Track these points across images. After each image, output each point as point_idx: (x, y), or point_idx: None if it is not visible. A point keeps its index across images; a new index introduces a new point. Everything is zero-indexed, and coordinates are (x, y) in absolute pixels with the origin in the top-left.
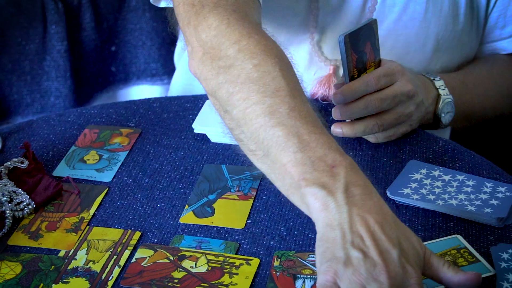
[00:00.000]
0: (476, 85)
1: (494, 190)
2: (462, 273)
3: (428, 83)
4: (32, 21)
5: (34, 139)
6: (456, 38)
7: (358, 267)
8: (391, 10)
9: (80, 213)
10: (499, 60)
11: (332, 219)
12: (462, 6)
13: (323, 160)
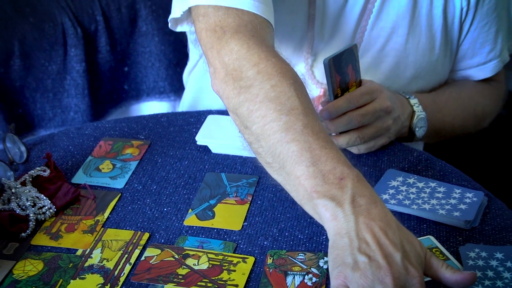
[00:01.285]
0: (446, 106)
1: (462, 195)
2: (459, 273)
3: (404, 100)
4: (54, 45)
5: (55, 150)
6: (431, 67)
7: (365, 271)
8: (376, 41)
9: (95, 216)
10: (467, 85)
11: (341, 228)
12: (438, 39)
13: (332, 173)
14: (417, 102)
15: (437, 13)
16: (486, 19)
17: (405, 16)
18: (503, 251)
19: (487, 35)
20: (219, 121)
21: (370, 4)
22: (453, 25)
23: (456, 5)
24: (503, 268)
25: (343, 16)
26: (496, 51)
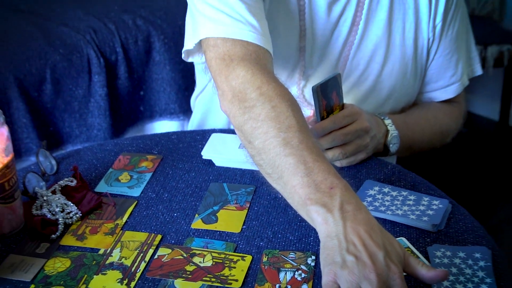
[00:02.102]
0: (415, 125)
1: (430, 203)
2: (434, 270)
3: (380, 121)
4: (80, 72)
5: (81, 163)
6: (403, 89)
7: (353, 269)
8: (357, 68)
9: (115, 220)
10: (432, 106)
11: (331, 231)
12: (409, 65)
13: (324, 183)
14: (390, 122)
15: (408, 43)
16: (448, 48)
17: (381, 46)
18: (465, 250)
19: (450, 61)
20: (222, 138)
21: (352, 37)
22: (422, 53)
23: (424, 36)
24: (465, 265)
25: (329, 47)
26: (457, 76)
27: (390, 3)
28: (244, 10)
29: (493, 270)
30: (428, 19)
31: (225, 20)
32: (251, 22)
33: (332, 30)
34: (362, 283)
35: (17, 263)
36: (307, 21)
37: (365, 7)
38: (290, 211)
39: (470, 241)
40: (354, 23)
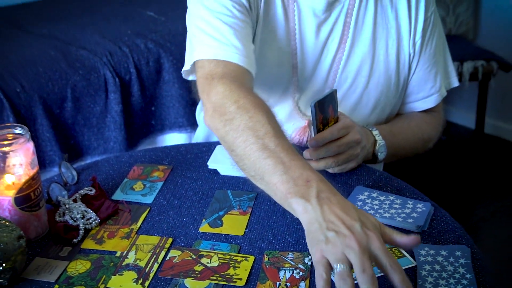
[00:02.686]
0: (400, 133)
1: (414, 206)
2: (407, 236)
3: (368, 132)
4: (97, 91)
5: (99, 173)
6: (388, 101)
7: (335, 242)
8: (345, 81)
9: (130, 225)
10: (414, 116)
11: (311, 218)
12: (393, 78)
13: (301, 178)
14: (378, 133)
15: (391, 59)
16: (428, 63)
17: (367, 62)
18: (446, 249)
19: (429, 74)
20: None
21: (340, 54)
22: (404, 67)
23: (405, 52)
24: (447, 262)
25: (319, 63)
26: (436, 87)
27: (374, 23)
28: (230, 34)
29: (472, 266)
30: (409, 37)
31: (212, 43)
32: (235, 44)
33: (321, 48)
34: (346, 252)
35: (42, 265)
36: (297, 41)
37: (351, 27)
38: (288, 216)
39: (451, 240)
40: (341, 41)
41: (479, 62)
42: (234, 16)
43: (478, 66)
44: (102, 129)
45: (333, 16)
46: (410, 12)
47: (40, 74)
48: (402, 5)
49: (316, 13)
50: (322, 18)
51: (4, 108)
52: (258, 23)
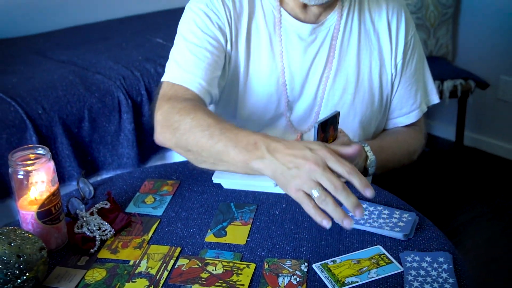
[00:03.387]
0: (388, 148)
1: (401, 216)
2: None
3: (361, 148)
4: (112, 111)
5: (113, 188)
6: (373, 116)
7: (299, 174)
8: (332, 98)
9: (142, 236)
10: (400, 131)
11: (272, 168)
12: (376, 95)
13: (249, 144)
14: (369, 148)
15: (375, 78)
16: (408, 81)
17: (352, 80)
18: (430, 256)
19: (410, 92)
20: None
21: (327, 73)
22: (387, 85)
23: (388, 72)
24: (431, 268)
25: (307, 82)
26: (416, 104)
27: (358, 45)
28: (192, 62)
29: (454, 271)
30: (390, 59)
31: (174, 68)
32: (194, 72)
33: (308, 68)
34: (312, 177)
35: (62, 274)
36: (284, 62)
37: (337, 49)
38: (286, 226)
39: (435, 247)
40: (328, 61)
41: (458, 81)
42: (203, 47)
43: (457, 85)
44: (116, 146)
45: (319, 39)
46: (391, 36)
47: (60, 97)
48: (384, 30)
49: (302, 37)
50: (308, 41)
51: (27, 128)
52: (239, 50)
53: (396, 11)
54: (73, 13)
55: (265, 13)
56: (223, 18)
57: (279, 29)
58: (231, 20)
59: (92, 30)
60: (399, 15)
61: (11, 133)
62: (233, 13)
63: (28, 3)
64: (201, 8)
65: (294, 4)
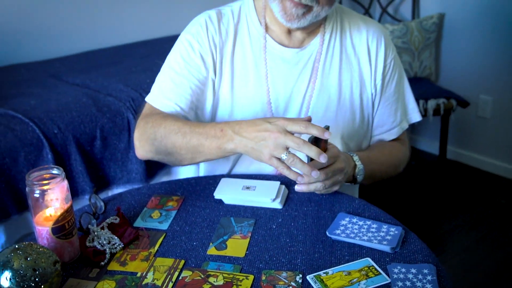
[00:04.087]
0: (376, 159)
1: (388, 230)
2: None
3: (350, 158)
4: (122, 131)
5: (122, 204)
6: (355, 133)
7: (267, 144)
8: (316, 115)
9: (149, 249)
10: (387, 144)
11: (243, 146)
12: (358, 113)
13: (218, 132)
14: (358, 158)
15: (356, 97)
16: (388, 101)
17: (334, 99)
18: (416, 267)
19: (390, 111)
20: (229, 182)
21: (310, 92)
22: (367, 104)
23: (368, 92)
24: (416, 279)
25: (291, 101)
26: (397, 121)
27: (339, 67)
28: (168, 87)
29: (438, 282)
30: (370, 80)
31: (154, 91)
32: (169, 96)
33: (292, 87)
34: (278, 143)
35: (75, 285)
36: (269, 83)
37: (319, 71)
38: (282, 239)
39: (420, 259)
40: (310, 82)
41: (441, 100)
42: (182, 75)
43: (440, 103)
44: (125, 163)
45: (302, 61)
46: (371, 59)
47: (74, 117)
48: (364, 53)
49: (286, 60)
50: (292, 64)
51: (44, 146)
52: (224, 73)
53: (376, 36)
54: (87, 39)
55: (252, 39)
56: (206, 47)
57: (264, 54)
58: (215, 48)
59: (104, 55)
60: (379, 40)
61: (29, 151)
62: (218, 41)
63: (45, 29)
64: (187, 38)
65: (280, 31)
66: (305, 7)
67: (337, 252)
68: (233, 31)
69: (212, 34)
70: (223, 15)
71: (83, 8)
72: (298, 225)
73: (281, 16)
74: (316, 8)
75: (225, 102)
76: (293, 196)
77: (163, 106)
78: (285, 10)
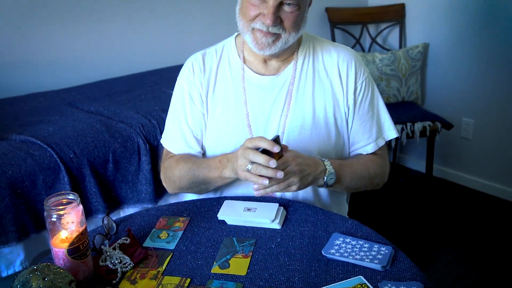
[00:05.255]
0: (348, 166)
1: (379, 249)
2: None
3: (320, 162)
4: (132, 155)
5: (133, 225)
6: (330, 148)
7: (237, 161)
8: (292, 133)
9: (157, 268)
10: (363, 156)
11: (231, 170)
12: (333, 131)
13: (218, 164)
14: (329, 163)
15: (330, 116)
16: (362, 119)
17: (309, 118)
18: (405, 285)
19: (365, 128)
20: (232, 204)
21: (285, 112)
22: (342, 122)
23: (341, 111)
24: None
25: (269, 122)
26: (372, 138)
27: (312, 89)
28: (174, 132)
29: None
30: (343, 100)
31: (165, 135)
32: (177, 142)
33: (269, 110)
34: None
35: None
36: (248, 108)
37: (294, 93)
38: (281, 258)
39: (408, 277)
40: (286, 103)
41: (426, 123)
42: (184, 121)
43: (426, 126)
44: (136, 184)
45: (278, 87)
46: (342, 82)
47: (88, 143)
48: (335, 76)
49: (263, 87)
50: (268, 89)
51: (61, 170)
52: (209, 104)
53: (346, 60)
54: (100, 69)
55: (232, 71)
56: (194, 86)
57: (243, 83)
58: (201, 85)
59: (116, 83)
60: (349, 64)
61: (47, 174)
62: (203, 77)
63: (62, 60)
64: (180, 83)
65: (256, 61)
66: (273, 35)
67: (332, 270)
68: (215, 67)
69: (197, 73)
70: (207, 54)
71: (97, 40)
72: (295, 244)
73: (254, 46)
74: (284, 35)
75: (211, 128)
76: (291, 217)
77: (175, 150)
78: (257, 40)
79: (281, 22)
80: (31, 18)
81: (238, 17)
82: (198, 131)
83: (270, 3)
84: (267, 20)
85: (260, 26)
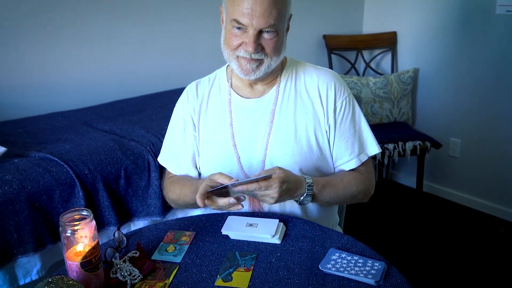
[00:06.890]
0: (332, 183)
1: (373, 264)
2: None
3: (302, 179)
4: (143, 171)
5: (142, 239)
6: (313, 165)
7: None
8: (275, 151)
9: (164, 280)
10: (347, 173)
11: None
12: (315, 148)
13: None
14: (310, 180)
15: (311, 134)
16: (343, 136)
17: (291, 136)
18: None
19: (347, 144)
20: (235, 219)
21: (269, 130)
22: (323, 140)
23: (322, 129)
24: None
25: (253, 141)
26: (354, 153)
27: (294, 110)
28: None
29: None
30: (324, 118)
31: (162, 154)
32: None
33: (254, 130)
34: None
35: None
36: (234, 128)
37: (276, 113)
38: (280, 272)
39: None
40: (269, 123)
41: (417, 142)
42: (180, 144)
43: (416, 145)
44: (145, 198)
45: (262, 108)
46: (322, 102)
47: (102, 160)
48: (316, 97)
49: (248, 109)
50: (252, 111)
51: (76, 185)
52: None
53: (326, 81)
54: (114, 90)
55: (221, 96)
56: (187, 112)
57: (229, 106)
58: (194, 110)
59: (128, 104)
60: (329, 85)
61: (63, 189)
62: (195, 103)
63: (79, 82)
64: (177, 109)
65: (243, 86)
66: (257, 61)
67: (328, 285)
68: (207, 93)
69: (191, 99)
70: (201, 82)
71: (110, 63)
72: (294, 259)
73: (240, 72)
74: (266, 59)
75: (203, 150)
76: (290, 233)
77: (173, 171)
78: (242, 67)
79: (262, 49)
80: (50, 43)
81: (223, 47)
82: (191, 153)
83: (251, 33)
84: (249, 48)
85: (244, 53)
